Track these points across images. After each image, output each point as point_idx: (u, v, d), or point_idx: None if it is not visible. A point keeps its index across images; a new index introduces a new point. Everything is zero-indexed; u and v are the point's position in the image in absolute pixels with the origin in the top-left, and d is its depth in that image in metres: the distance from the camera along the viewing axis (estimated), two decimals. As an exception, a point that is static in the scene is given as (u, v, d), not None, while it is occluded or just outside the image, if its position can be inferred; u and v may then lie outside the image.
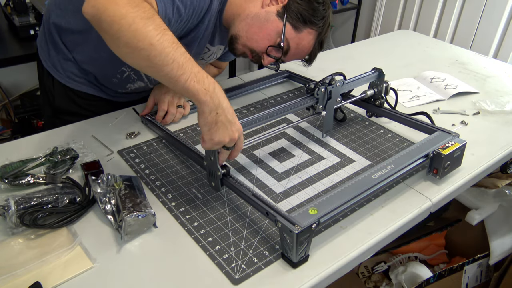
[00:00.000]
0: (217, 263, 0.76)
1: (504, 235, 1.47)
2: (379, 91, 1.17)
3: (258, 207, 0.81)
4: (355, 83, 1.12)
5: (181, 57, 0.77)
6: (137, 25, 0.75)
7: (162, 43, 0.76)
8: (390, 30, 3.07)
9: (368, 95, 1.17)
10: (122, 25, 0.75)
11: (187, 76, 0.77)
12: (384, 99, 1.18)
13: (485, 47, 2.60)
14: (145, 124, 1.15)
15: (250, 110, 1.25)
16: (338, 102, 1.11)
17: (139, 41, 0.75)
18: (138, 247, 0.78)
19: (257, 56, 1.07)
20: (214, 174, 0.88)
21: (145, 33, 0.75)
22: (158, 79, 0.82)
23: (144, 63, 0.78)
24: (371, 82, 1.16)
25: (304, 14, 1.01)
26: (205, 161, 0.89)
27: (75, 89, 1.18)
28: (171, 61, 0.76)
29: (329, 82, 1.06)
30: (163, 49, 0.76)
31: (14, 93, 2.25)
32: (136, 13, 0.76)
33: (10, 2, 1.77)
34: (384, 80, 1.15)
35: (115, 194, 0.83)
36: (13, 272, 0.71)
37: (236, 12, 1.03)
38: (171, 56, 0.76)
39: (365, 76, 1.14)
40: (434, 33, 2.89)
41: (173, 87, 0.80)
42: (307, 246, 0.75)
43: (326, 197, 0.80)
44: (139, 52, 0.76)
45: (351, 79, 1.12)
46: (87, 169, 0.92)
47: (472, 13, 2.64)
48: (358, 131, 1.17)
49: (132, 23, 0.75)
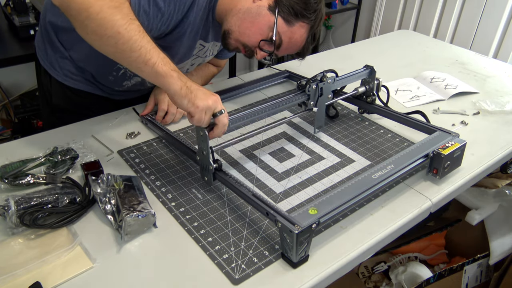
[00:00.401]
0: (217, 263, 0.76)
1: (504, 235, 1.47)
2: (371, 88, 1.18)
3: (258, 207, 0.81)
4: (346, 80, 1.14)
5: (148, 44, 0.81)
6: (104, 13, 0.78)
7: (129, 32, 0.79)
8: (390, 30, 3.07)
9: (360, 92, 1.18)
10: (90, 13, 0.78)
11: (155, 60, 0.81)
12: (375, 96, 1.19)
13: (485, 47, 2.60)
14: (145, 124, 1.15)
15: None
16: (330, 99, 1.13)
17: (107, 29, 0.79)
18: (138, 247, 0.78)
19: (249, 51, 1.07)
20: (206, 168, 0.90)
21: (112, 21, 0.79)
22: (126, 65, 0.85)
23: (112, 49, 0.82)
24: (363, 79, 1.18)
25: (296, 8, 1.01)
26: (198, 156, 0.90)
27: (72, 87, 1.19)
28: (139, 48, 0.80)
29: (321, 79, 1.08)
30: (131, 37, 0.79)
31: (14, 93, 2.25)
32: (103, 1, 0.79)
33: (10, 2, 1.77)
34: (375, 77, 1.17)
35: (115, 194, 0.83)
36: (13, 272, 0.71)
37: (228, 8, 1.04)
38: (139, 43, 0.80)
39: (357, 73, 1.16)
40: (434, 33, 2.89)
41: (141, 72, 0.84)
42: (307, 246, 0.75)
43: (326, 197, 0.80)
44: (107, 39, 0.80)
45: (342, 76, 1.14)
46: (87, 169, 0.91)
47: (472, 13, 2.64)
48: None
49: (99, 12, 0.78)
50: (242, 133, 1.07)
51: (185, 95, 0.83)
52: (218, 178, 0.90)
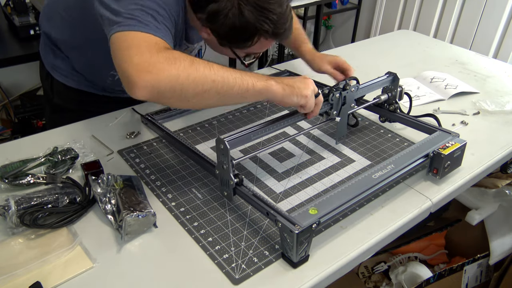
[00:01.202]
0: (217, 263, 0.76)
1: (504, 235, 1.47)
2: (393, 95, 1.13)
3: (258, 207, 0.81)
4: (369, 88, 1.09)
5: (233, 72, 0.80)
6: (191, 74, 0.75)
7: (217, 73, 0.78)
8: (390, 30, 3.07)
9: (382, 99, 1.14)
10: (182, 83, 0.75)
11: (250, 81, 0.81)
12: (398, 104, 1.14)
13: (485, 47, 2.60)
14: (145, 124, 1.15)
15: (250, 110, 1.25)
16: (352, 108, 1.07)
17: (204, 84, 0.76)
18: (138, 247, 0.78)
19: None
20: (226, 183, 0.85)
21: (202, 75, 0.76)
22: (232, 102, 0.84)
23: (216, 98, 0.80)
24: (385, 86, 1.13)
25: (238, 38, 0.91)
26: (217, 170, 0.86)
27: (73, 87, 1.19)
28: (233, 81, 0.79)
29: (343, 87, 1.02)
30: (223, 77, 0.78)
31: (14, 93, 2.25)
32: (181, 64, 0.75)
33: (10, 2, 1.77)
34: (398, 84, 1.12)
35: (115, 194, 0.83)
36: (13, 272, 0.71)
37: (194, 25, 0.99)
38: (231, 77, 0.79)
39: (380, 80, 1.10)
40: (434, 33, 2.89)
41: (245, 99, 0.83)
42: (307, 246, 0.75)
43: (326, 197, 0.80)
44: (208, 93, 0.78)
45: (365, 84, 1.07)
46: (87, 169, 0.92)
47: (472, 13, 2.64)
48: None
49: (188, 75, 0.75)
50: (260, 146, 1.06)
51: (291, 93, 0.84)
52: (238, 193, 0.86)
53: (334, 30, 3.72)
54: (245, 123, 1.18)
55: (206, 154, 0.96)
